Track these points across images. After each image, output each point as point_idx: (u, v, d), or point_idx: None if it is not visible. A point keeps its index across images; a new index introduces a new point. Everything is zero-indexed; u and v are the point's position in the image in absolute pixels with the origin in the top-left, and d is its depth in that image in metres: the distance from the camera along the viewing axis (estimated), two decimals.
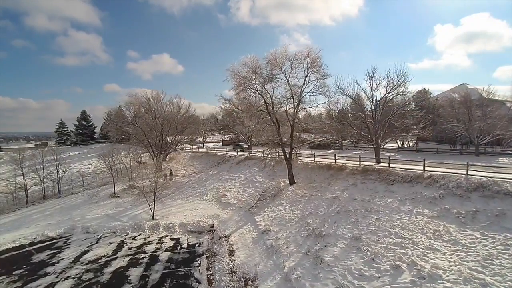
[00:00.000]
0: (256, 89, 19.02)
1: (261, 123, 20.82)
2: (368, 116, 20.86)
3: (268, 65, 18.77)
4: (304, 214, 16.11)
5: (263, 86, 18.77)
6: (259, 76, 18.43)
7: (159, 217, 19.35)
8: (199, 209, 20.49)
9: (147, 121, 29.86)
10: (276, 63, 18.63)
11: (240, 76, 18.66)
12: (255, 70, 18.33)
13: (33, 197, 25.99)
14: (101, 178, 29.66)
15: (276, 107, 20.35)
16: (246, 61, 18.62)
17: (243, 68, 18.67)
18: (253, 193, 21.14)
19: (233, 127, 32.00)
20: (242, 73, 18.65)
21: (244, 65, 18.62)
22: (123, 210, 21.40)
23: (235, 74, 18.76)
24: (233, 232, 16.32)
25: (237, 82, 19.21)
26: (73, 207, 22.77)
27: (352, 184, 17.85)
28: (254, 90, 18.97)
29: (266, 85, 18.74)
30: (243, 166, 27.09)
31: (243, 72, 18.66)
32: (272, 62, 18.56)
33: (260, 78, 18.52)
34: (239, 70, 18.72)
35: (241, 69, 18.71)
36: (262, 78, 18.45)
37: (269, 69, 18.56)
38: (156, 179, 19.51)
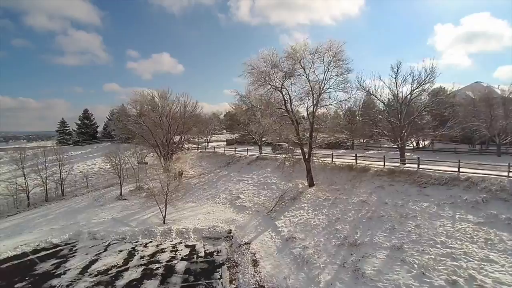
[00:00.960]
0: (275, 84, 17.65)
1: (278, 121, 19.42)
2: (393, 114, 19.52)
3: (287, 59, 17.39)
4: (330, 219, 14.79)
5: (283, 82, 17.41)
6: (280, 70, 17.07)
7: (170, 222, 17.99)
8: (213, 213, 19.12)
9: (153, 120, 28.44)
10: (296, 57, 17.27)
11: (259, 70, 17.29)
12: (275, 64, 16.96)
13: (35, 199, 24.58)
14: (106, 179, 28.27)
15: (294, 105, 19.00)
16: (265, 55, 17.28)
17: (261, 62, 17.32)
18: (269, 196, 19.79)
19: (246, 125, 30.50)
20: (261, 67, 17.29)
21: (263, 58, 17.28)
22: (131, 214, 20.02)
23: (253, 69, 17.39)
24: (253, 239, 14.98)
25: (255, 77, 17.84)
26: (77, 210, 21.37)
27: (379, 186, 16.53)
28: (273, 85, 17.60)
29: (286, 81, 17.35)
30: (255, 167, 25.73)
31: (261, 66, 17.31)
32: (292, 56, 17.19)
33: (280, 73, 17.16)
34: (257, 64, 17.37)
35: (260, 63, 17.38)
36: (283, 73, 17.07)
37: (289, 64, 17.19)
38: (168, 181, 18.10)
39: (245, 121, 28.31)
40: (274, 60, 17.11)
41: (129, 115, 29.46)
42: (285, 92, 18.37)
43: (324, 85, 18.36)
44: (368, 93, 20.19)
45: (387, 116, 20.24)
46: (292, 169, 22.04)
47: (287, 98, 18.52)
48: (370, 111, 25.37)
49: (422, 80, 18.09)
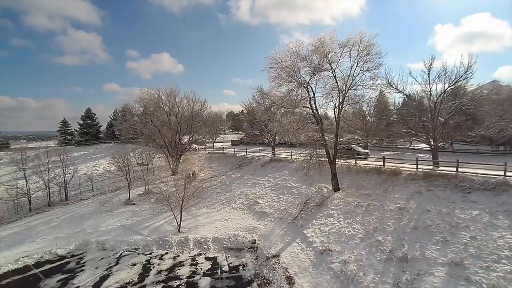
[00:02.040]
0: (300, 80, 16.11)
1: (301, 120, 17.88)
2: (424, 113, 18.02)
3: (314, 53, 15.86)
4: (367, 229, 13.27)
5: (311, 78, 15.87)
6: (308, 65, 15.52)
7: (186, 230, 16.42)
8: (231, 220, 17.56)
9: (161, 119, 26.85)
10: (323, 51, 15.73)
11: (284, 65, 15.74)
12: (304, 57, 15.41)
13: (36, 204, 22.94)
14: (112, 182, 26.63)
15: (318, 104, 17.49)
16: (290, 48, 15.71)
17: (286, 55, 15.76)
18: (291, 201, 18.25)
19: (259, 125, 28.92)
20: (286, 61, 15.73)
21: (288, 51, 15.72)
22: (141, 221, 18.43)
23: (277, 63, 15.84)
24: (281, 251, 13.43)
25: (279, 72, 16.31)
26: (83, 216, 19.75)
27: (416, 192, 15.03)
28: (299, 81, 16.05)
29: (313, 77, 15.81)
30: (270, 169, 24.18)
31: (286, 60, 15.74)
32: (319, 50, 15.65)
33: (307, 68, 15.62)
34: (282, 58, 15.80)
35: (284, 56, 15.81)
36: (311, 68, 15.52)
37: (316, 58, 15.65)
38: (185, 185, 16.52)
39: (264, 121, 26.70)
40: (301, 53, 15.57)
41: (136, 114, 27.76)
42: (310, 89, 16.82)
43: (351, 82, 16.85)
44: (397, 91, 18.70)
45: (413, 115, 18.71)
46: (312, 171, 20.55)
47: (311, 96, 16.98)
48: (393, 111, 23.86)
49: (459, 77, 16.61)
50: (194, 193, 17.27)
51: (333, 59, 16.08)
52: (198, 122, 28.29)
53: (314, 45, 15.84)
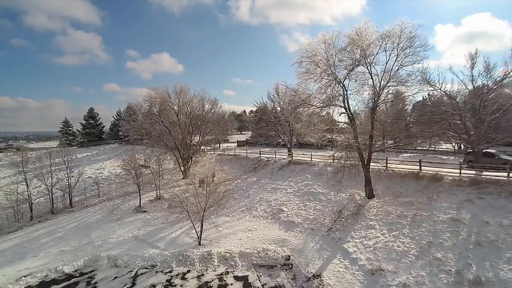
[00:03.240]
0: (336, 76, 14.36)
1: (329, 121, 16.17)
2: (467, 113, 16.35)
3: (350, 46, 14.10)
4: (420, 244, 11.56)
5: (348, 73, 14.11)
6: (347, 58, 13.77)
7: (206, 242, 14.64)
8: (255, 230, 15.79)
9: (171, 119, 25.02)
10: (361, 44, 13.98)
11: (318, 58, 13.99)
12: (341, 50, 13.65)
13: (38, 211, 21.05)
14: (119, 186, 24.74)
15: (351, 102, 15.77)
16: (326, 39, 13.92)
17: (321, 47, 13.99)
18: (320, 209, 16.50)
19: (273, 125, 27.12)
20: (320, 54, 13.97)
21: (324, 43, 13.93)
22: (155, 231, 16.61)
23: (310, 56, 14.08)
24: (322, 269, 11.67)
25: (306, 68, 14.56)
26: (90, 226, 17.88)
27: (466, 200, 13.32)
28: (334, 77, 14.31)
29: (352, 72, 14.05)
30: (290, 172, 22.41)
31: (321, 53, 13.99)
32: (356, 43, 13.90)
33: (345, 62, 13.87)
34: (316, 50, 14.03)
35: (319, 49, 14.04)
36: (351, 61, 13.75)
37: (354, 51, 13.90)
38: (208, 192, 14.72)
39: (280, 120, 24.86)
40: (337, 45, 13.79)
41: (145, 114, 25.86)
42: (343, 86, 15.09)
43: (388, 78, 15.14)
44: (433, 88, 17.00)
45: (451, 115, 17.02)
46: (339, 176, 18.83)
47: (345, 93, 15.25)
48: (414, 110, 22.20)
49: (509, 72, 14.94)
50: (219, 202, 15.43)
51: (371, 53, 14.34)
52: (209, 122, 26.44)
53: (350, 37, 14.08)
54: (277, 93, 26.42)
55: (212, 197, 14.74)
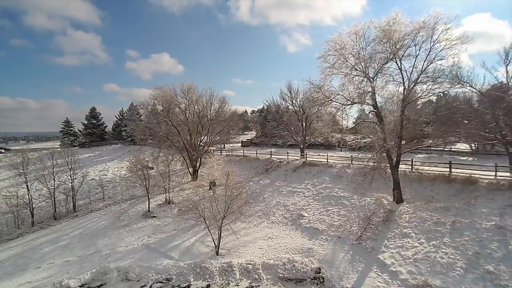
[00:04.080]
0: (367, 71, 13.10)
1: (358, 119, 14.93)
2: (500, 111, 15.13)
3: (381, 38, 12.85)
4: (466, 254, 10.36)
5: (380, 67, 12.87)
6: (380, 51, 12.50)
7: (224, 252, 13.38)
8: (276, 238, 14.52)
9: (180, 118, 23.70)
10: (391, 37, 12.74)
11: (347, 51, 12.74)
12: (377, 40, 12.38)
13: (40, 216, 19.70)
14: (125, 189, 23.37)
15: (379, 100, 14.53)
16: (356, 30, 12.66)
17: (353, 40, 12.72)
18: (344, 215, 15.25)
19: (287, 125, 25.83)
20: (349, 47, 12.72)
21: (355, 34, 12.67)
22: (167, 239, 15.31)
23: (338, 49, 12.82)
24: (359, 284, 10.44)
25: (333, 62, 13.31)
26: (96, 233, 16.54)
27: (508, 205, 12.12)
28: (364, 72, 13.06)
29: (384, 66, 12.81)
30: (305, 175, 21.15)
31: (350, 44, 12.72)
32: (387, 35, 12.64)
33: (379, 54, 12.60)
34: (346, 43, 12.76)
35: (350, 41, 12.79)
36: (384, 54, 12.49)
37: (386, 44, 12.64)
38: (230, 197, 13.45)
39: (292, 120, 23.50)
40: (367, 36, 12.53)
41: (153, 113, 24.47)
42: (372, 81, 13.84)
43: (419, 74, 13.91)
44: (465, 85, 15.80)
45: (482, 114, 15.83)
46: (361, 179, 17.60)
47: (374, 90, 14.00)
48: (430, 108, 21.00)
49: None
50: (241, 207, 14.16)
51: (403, 45, 13.09)
52: (220, 121, 25.11)
53: (381, 28, 12.83)
54: (289, 91, 25.20)
55: (232, 202, 13.42)
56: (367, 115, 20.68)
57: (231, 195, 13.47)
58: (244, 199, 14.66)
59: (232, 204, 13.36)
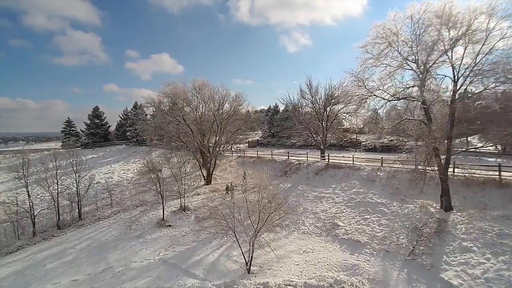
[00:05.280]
0: (419, 62, 11.31)
1: (396, 117, 13.17)
2: None
3: (435, 25, 11.05)
4: None
5: (437, 59, 11.06)
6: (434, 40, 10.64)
7: (256, 269, 11.55)
8: (312, 252, 12.70)
9: (193, 117, 21.80)
10: (449, 22, 10.94)
11: (399, 38, 10.96)
12: (442, 24, 10.58)
13: (42, 224, 17.75)
14: (134, 194, 21.41)
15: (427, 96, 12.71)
16: (412, 13, 10.86)
17: (406, 25, 10.95)
18: (386, 224, 13.46)
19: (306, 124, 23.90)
20: (403, 33, 10.94)
21: (410, 19, 10.90)
22: (187, 252, 13.43)
23: (391, 35, 11.02)
24: None
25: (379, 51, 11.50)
26: (106, 245, 14.61)
27: None
28: (415, 63, 11.27)
29: (439, 58, 11.02)
30: (330, 178, 19.37)
31: (404, 30, 10.94)
32: (446, 20, 10.85)
33: (433, 44, 10.78)
34: (398, 29, 10.96)
35: (403, 25, 11.01)
36: (445, 43, 10.67)
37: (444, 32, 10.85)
38: (270, 207, 11.60)
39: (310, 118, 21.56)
40: (421, 22, 10.72)
41: (165, 112, 22.46)
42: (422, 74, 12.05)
43: (472, 66, 12.14)
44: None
45: None
46: (398, 183, 15.85)
47: (423, 84, 12.22)
48: None
49: None
50: (283, 218, 12.31)
51: (459, 33, 11.31)
52: (236, 120, 23.19)
53: (436, 15, 11.04)
54: (309, 88, 23.38)
55: (267, 212, 11.55)
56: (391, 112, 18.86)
57: (269, 205, 11.55)
58: (285, 208, 12.63)
59: (267, 213, 11.45)
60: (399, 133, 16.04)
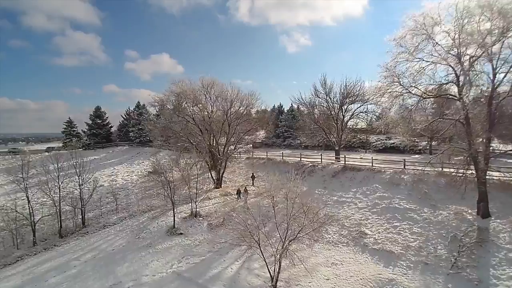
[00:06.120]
0: (462, 56, 10.14)
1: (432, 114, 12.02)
2: None
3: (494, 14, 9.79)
4: None
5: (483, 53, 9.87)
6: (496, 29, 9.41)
7: (283, 284, 10.34)
8: (341, 264, 11.51)
9: (203, 117, 20.53)
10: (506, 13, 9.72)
11: (443, 29, 9.79)
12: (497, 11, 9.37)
13: (43, 232, 16.42)
14: (140, 198, 20.10)
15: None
16: (457, 1, 9.67)
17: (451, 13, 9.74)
18: (420, 232, 12.26)
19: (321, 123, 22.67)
20: (446, 22, 9.75)
21: (455, 8, 9.68)
22: (203, 265, 12.18)
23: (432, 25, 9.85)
24: None
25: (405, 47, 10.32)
26: (113, 256, 13.31)
27: None
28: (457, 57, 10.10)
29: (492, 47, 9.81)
30: (349, 181, 18.19)
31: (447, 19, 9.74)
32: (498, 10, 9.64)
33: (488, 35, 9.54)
34: (441, 18, 9.79)
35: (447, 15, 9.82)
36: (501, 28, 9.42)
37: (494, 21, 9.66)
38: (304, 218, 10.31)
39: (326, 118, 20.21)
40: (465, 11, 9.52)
41: (172, 112, 21.12)
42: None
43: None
44: None
45: None
46: (426, 187, 14.68)
47: (464, 80, 11.07)
48: None
49: None
50: (319, 229, 11.02)
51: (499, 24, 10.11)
52: (250, 119, 21.93)
53: (481, 2, 9.86)
54: (324, 87, 22.19)
55: (299, 222, 10.29)
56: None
57: (303, 215, 10.25)
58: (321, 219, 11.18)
59: (299, 224, 10.21)
60: (432, 133, 14.92)
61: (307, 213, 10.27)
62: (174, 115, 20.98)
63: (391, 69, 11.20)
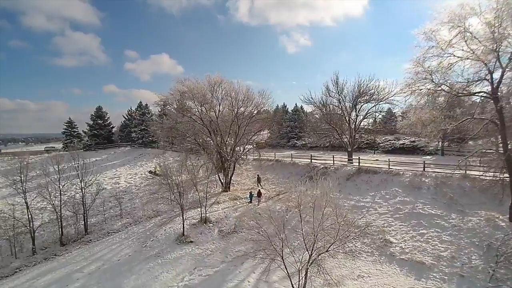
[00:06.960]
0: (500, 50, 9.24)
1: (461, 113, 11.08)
2: None
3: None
4: None
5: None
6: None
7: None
8: (369, 277, 10.57)
9: (210, 116, 19.51)
10: None
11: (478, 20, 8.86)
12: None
13: (42, 240, 15.37)
14: (144, 202, 19.04)
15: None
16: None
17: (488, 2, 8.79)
18: (450, 241, 11.33)
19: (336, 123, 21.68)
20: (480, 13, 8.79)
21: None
22: (216, 277, 11.18)
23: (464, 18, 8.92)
24: None
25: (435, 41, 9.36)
26: (119, 267, 12.27)
27: None
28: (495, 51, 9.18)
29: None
30: (365, 184, 17.25)
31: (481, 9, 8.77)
32: None
33: None
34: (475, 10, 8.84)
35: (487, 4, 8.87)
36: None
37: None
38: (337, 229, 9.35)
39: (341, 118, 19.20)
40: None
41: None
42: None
43: None
44: None
45: None
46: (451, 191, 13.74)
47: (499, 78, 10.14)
48: None
49: None
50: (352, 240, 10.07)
51: None
52: (260, 119, 20.88)
53: None
54: (336, 86, 21.21)
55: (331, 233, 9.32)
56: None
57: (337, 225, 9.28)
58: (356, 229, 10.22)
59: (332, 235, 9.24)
60: (461, 134, 14.00)
61: (341, 224, 9.26)
62: (180, 115, 19.93)
63: (423, 64, 10.26)
